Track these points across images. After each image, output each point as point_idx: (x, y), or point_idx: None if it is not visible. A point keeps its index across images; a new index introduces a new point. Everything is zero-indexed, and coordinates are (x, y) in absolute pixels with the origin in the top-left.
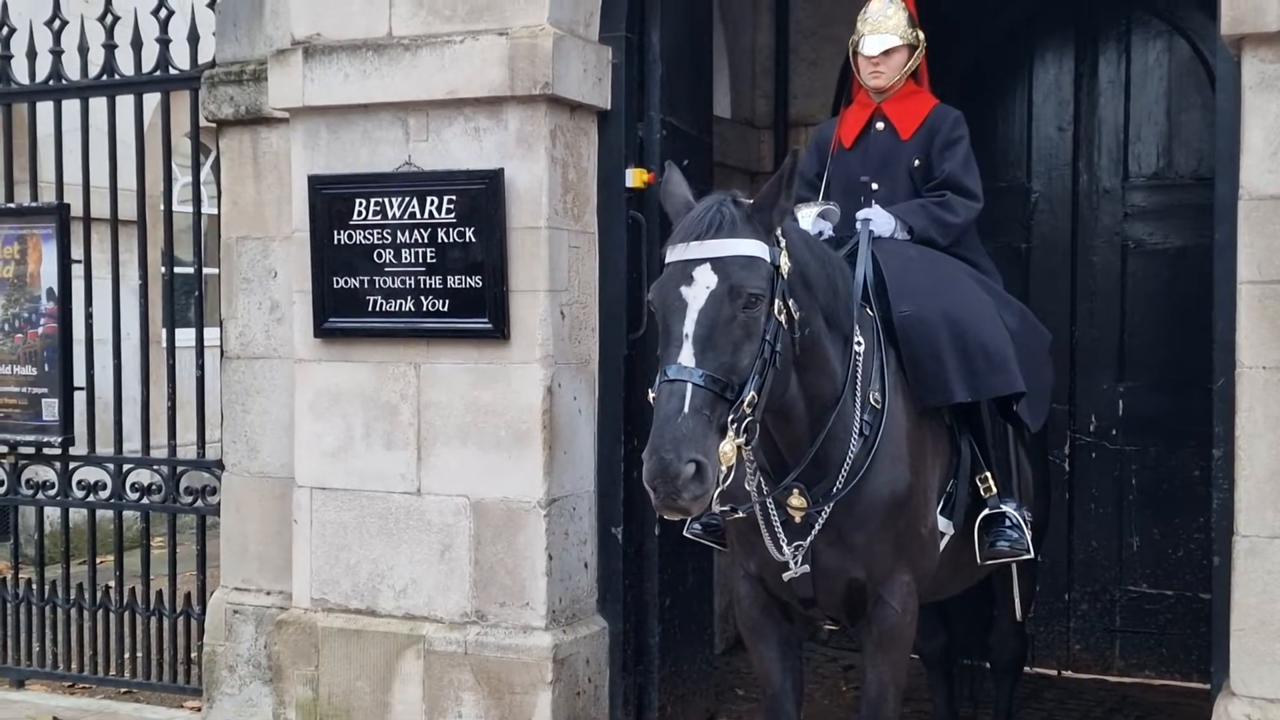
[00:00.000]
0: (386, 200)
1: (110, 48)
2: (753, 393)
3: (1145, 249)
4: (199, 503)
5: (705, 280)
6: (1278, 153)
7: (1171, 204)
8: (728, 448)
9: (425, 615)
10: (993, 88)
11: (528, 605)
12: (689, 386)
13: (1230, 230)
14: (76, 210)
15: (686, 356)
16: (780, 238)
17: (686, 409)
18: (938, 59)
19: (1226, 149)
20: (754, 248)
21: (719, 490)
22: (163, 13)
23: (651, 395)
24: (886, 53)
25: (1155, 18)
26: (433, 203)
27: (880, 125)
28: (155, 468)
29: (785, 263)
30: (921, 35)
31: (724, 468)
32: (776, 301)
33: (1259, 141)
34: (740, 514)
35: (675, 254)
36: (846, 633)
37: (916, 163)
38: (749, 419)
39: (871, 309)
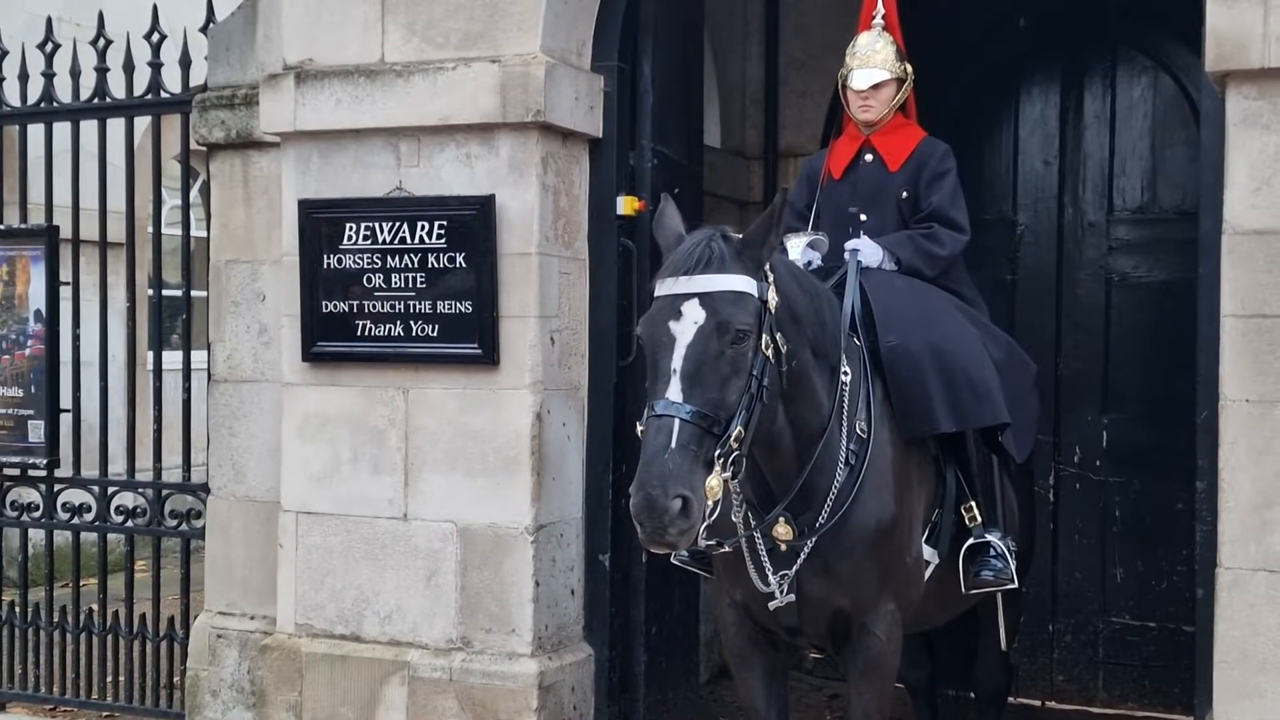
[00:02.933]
0: (377, 225)
1: (102, 71)
2: (739, 428)
3: (1130, 282)
4: (184, 526)
5: (693, 316)
6: (1261, 188)
7: (1156, 238)
8: (714, 482)
9: (410, 641)
10: (980, 121)
11: (514, 632)
12: (676, 422)
13: (1214, 264)
14: (65, 232)
15: (674, 392)
16: (768, 273)
17: (674, 444)
18: (926, 92)
19: (1211, 184)
20: (742, 283)
21: (705, 524)
22: (155, 36)
23: (639, 429)
24: (875, 86)
25: (1140, 54)
26: (423, 228)
27: (869, 157)
28: (140, 491)
29: (773, 298)
30: (910, 68)
31: (710, 502)
32: (764, 336)
33: (1243, 177)
34: (727, 548)
35: (664, 288)
36: (832, 662)
37: (905, 194)
38: (736, 454)
39: (859, 339)
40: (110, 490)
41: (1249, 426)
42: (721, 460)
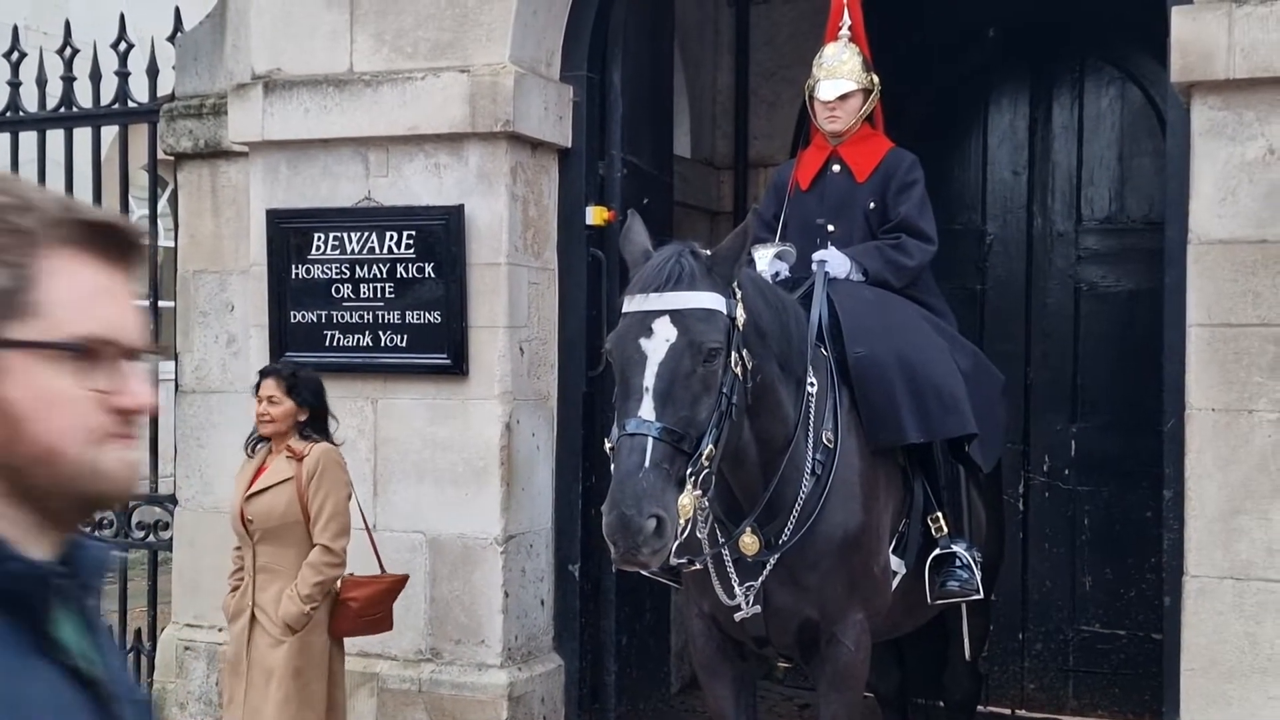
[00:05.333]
0: (345, 235)
1: (69, 80)
2: (710, 446)
3: (1098, 291)
4: (151, 538)
5: (664, 333)
6: (1227, 198)
7: (1123, 247)
8: (686, 501)
9: (379, 653)
10: (949, 131)
11: (483, 643)
12: (649, 441)
13: (1180, 274)
14: None
15: (647, 410)
16: (736, 289)
17: (647, 463)
18: (894, 103)
19: (1177, 194)
20: (712, 300)
21: (677, 543)
22: (122, 46)
23: (608, 446)
24: (842, 97)
25: (1108, 64)
26: (392, 238)
27: (836, 168)
28: None
29: (741, 314)
30: (876, 79)
31: (683, 521)
32: (733, 354)
33: (1209, 187)
34: (697, 566)
35: (633, 305)
36: (802, 671)
37: (872, 205)
38: (706, 471)
39: (826, 350)
40: None
41: (1215, 435)
42: (693, 479)
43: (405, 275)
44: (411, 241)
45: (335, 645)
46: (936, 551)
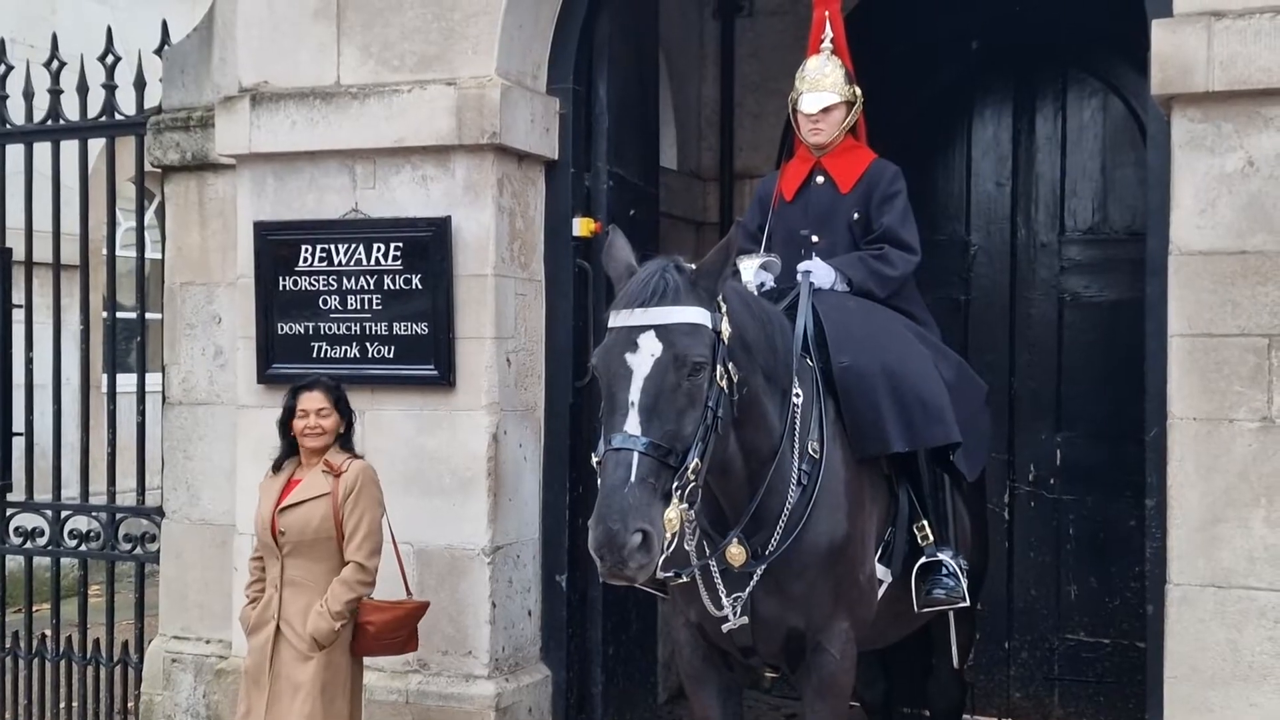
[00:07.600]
0: (333, 247)
1: (56, 93)
2: (696, 459)
3: (1081, 302)
4: (138, 550)
5: (650, 348)
6: (1206, 210)
7: (1106, 258)
8: (673, 515)
9: (367, 664)
10: (933, 143)
11: (470, 654)
12: (635, 455)
13: (1161, 284)
14: (19, 254)
15: (632, 425)
16: (721, 303)
17: (633, 478)
18: (878, 115)
19: (1158, 205)
20: (697, 315)
21: (664, 556)
22: (109, 59)
23: (595, 461)
24: (825, 110)
25: (1091, 76)
26: (379, 250)
27: (820, 179)
28: (94, 514)
29: (726, 328)
30: (859, 91)
31: (669, 535)
32: (719, 367)
33: (1189, 199)
34: (684, 579)
35: (619, 320)
36: (788, 681)
37: (856, 216)
38: (692, 485)
39: (811, 360)
40: (63, 514)
41: (1196, 444)
42: (679, 492)
43: (392, 287)
44: (399, 253)
45: (355, 662)
46: (922, 560)
